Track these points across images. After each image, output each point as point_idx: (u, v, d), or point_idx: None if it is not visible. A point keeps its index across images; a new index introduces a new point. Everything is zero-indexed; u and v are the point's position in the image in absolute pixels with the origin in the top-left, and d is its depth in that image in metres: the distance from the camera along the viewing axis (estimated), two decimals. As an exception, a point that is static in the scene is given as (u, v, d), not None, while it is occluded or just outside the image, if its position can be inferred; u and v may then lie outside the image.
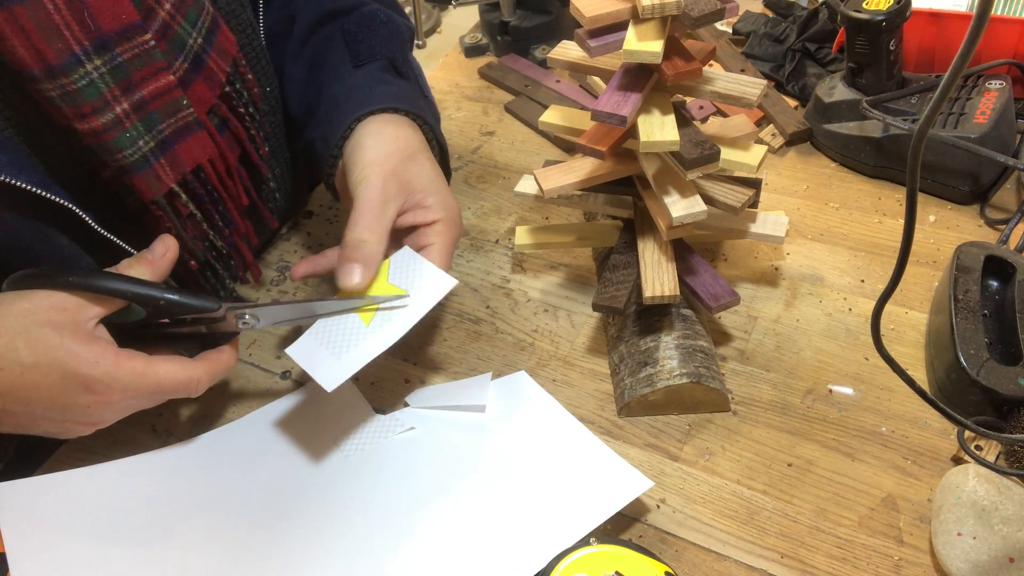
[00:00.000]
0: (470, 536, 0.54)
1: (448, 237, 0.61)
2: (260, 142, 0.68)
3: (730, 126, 0.66)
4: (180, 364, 0.55)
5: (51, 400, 0.51)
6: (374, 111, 0.64)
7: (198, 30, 0.59)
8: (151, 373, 0.53)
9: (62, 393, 0.51)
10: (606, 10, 0.56)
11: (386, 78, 0.68)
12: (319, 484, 0.59)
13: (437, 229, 0.61)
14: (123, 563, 0.54)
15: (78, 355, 0.50)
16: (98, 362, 0.51)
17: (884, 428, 0.60)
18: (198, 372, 0.55)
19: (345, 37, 0.70)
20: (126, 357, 0.52)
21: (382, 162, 0.60)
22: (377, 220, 0.58)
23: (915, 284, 0.70)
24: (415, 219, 0.61)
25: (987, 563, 0.49)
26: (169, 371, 0.54)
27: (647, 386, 0.60)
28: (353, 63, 0.68)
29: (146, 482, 0.60)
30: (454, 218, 0.62)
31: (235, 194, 0.66)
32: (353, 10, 0.72)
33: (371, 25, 0.71)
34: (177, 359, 0.55)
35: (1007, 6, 0.84)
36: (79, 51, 0.50)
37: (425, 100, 0.70)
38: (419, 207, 0.61)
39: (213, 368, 0.57)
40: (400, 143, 0.62)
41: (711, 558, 0.54)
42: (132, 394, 0.53)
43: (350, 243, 0.57)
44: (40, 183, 0.53)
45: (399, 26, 0.73)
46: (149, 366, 0.53)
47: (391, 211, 0.59)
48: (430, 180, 0.62)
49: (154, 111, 0.56)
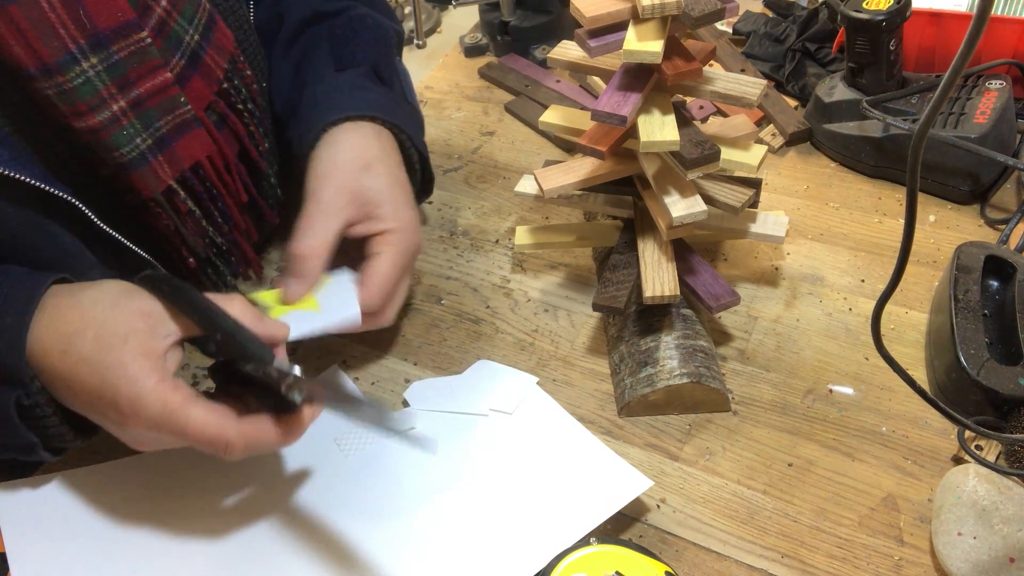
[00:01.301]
0: (470, 536, 0.54)
1: (397, 247, 0.60)
2: (260, 138, 0.68)
3: (730, 126, 0.66)
4: (216, 417, 0.48)
5: (89, 402, 0.49)
6: (350, 116, 0.64)
7: (195, 27, 0.59)
8: (179, 414, 0.47)
9: (97, 400, 0.48)
10: (606, 10, 0.56)
11: (366, 84, 0.68)
12: (319, 484, 0.59)
13: (387, 239, 0.60)
14: (123, 563, 0.54)
15: (124, 365, 0.47)
16: (137, 380, 0.47)
17: (884, 428, 0.60)
18: (231, 434, 0.48)
19: (330, 40, 0.70)
20: (168, 388, 0.47)
21: (332, 173, 0.60)
22: (316, 236, 0.58)
23: (915, 284, 0.70)
24: (367, 229, 0.60)
25: (987, 563, 0.49)
26: (198, 419, 0.47)
27: (647, 386, 0.60)
28: (336, 66, 0.68)
29: (146, 482, 0.60)
30: (406, 228, 0.61)
31: (234, 191, 0.66)
32: (341, 13, 0.72)
33: (357, 30, 0.71)
34: (218, 410, 0.48)
35: (1007, 6, 0.84)
36: (75, 49, 0.50)
37: (408, 107, 0.70)
38: (370, 218, 0.60)
39: (252, 434, 0.49)
40: (355, 153, 0.62)
41: (711, 558, 0.54)
42: (156, 428, 0.48)
43: (289, 256, 0.58)
44: (42, 178, 0.53)
45: (386, 31, 0.73)
46: (182, 406, 0.47)
47: (335, 225, 0.59)
48: (383, 190, 0.61)
49: (151, 109, 0.56)
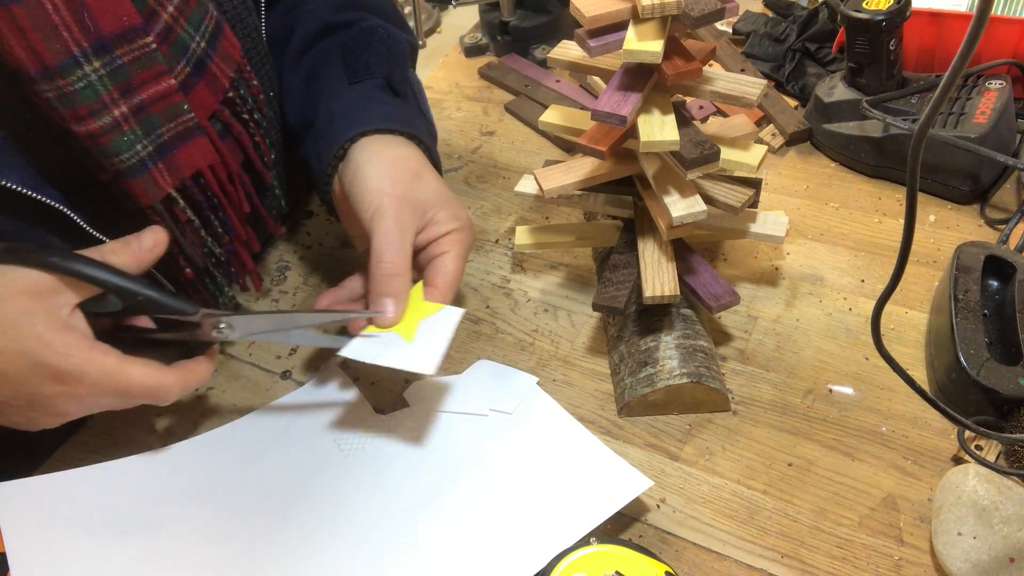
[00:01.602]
0: (470, 536, 0.54)
1: (462, 245, 0.62)
2: (265, 149, 0.67)
3: (730, 126, 0.66)
4: (152, 369, 0.52)
5: (16, 389, 0.49)
6: (366, 132, 0.64)
7: (201, 34, 0.59)
8: (122, 373, 0.50)
9: (28, 382, 0.49)
10: (606, 10, 0.56)
11: (381, 96, 0.68)
12: (319, 484, 0.59)
13: (452, 238, 0.62)
14: (123, 563, 0.54)
15: (49, 344, 0.48)
16: (70, 353, 0.48)
17: (884, 428, 0.60)
18: (169, 380, 0.53)
19: (343, 52, 0.70)
20: (100, 352, 0.50)
21: (390, 189, 0.60)
22: (399, 252, 0.58)
23: (915, 284, 0.70)
24: (429, 235, 0.62)
25: (987, 563, 0.49)
26: (140, 374, 0.51)
27: (647, 386, 0.60)
28: (349, 79, 0.68)
29: (146, 482, 0.60)
30: (466, 226, 0.63)
31: (236, 201, 0.65)
32: (353, 24, 0.72)
33: (369, 41, 0.70)
34: (151, 364, 0.52)
35: (1007, 6, 0.84)
36: (78, 52, 0.50)
37: (423, 119, 0.70)
38: (431, 223, 0.61)
39: (186, 378, 0.54)
40: (402, 165, 0.62)
41: (711, 558, 0.54)
42: (100, 391, 0.51)
43: (378, 278, 0.58)
44: (31, 184, 0.52)
45: (399, 43, 0.72)
46: (121, 366, 0.50)
47: (410, 238, 0.59)
48: (437, 194, 0.62)
49: (153, 115, 0.55)
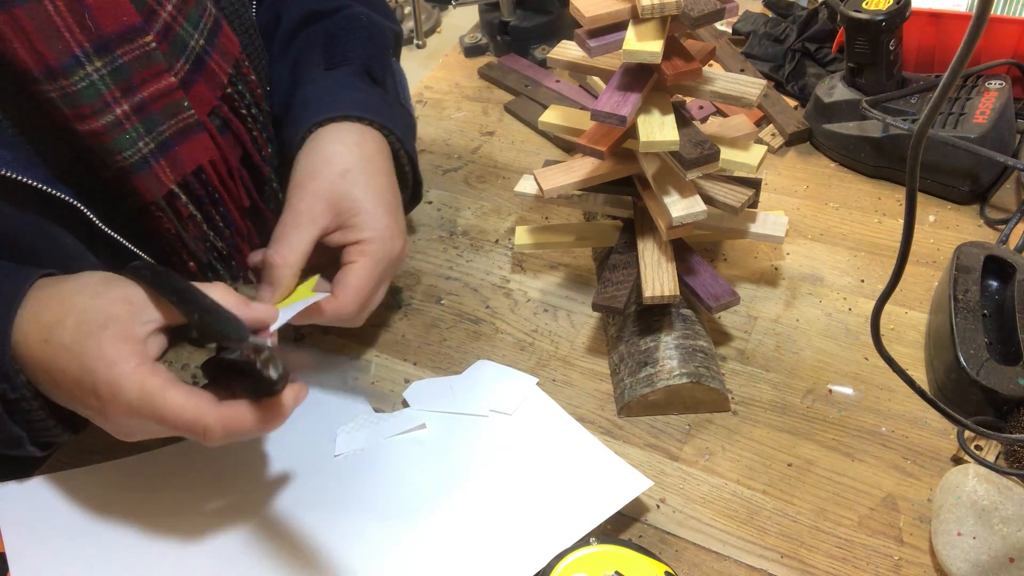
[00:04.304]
0: (470, 536, 0.54)
1: (372, 257, 0.58)
2: (263, 143, 0.68)
3: (730, 126, 0.66)
4: (194, 401, 0.47)
5: (70, 391, 0.48)
6: (334, 118, 0.63)
7: (200, 31, 0.59)
8: (156, 398, 0.46)
9: (77, 387, 0.47)
10: (606, 10, 0.56)
11: (356, 84, 0.66)
12: (318, 484, 0.59)
13: (362, 249, 0.58)
14: (122, 563, 0.54)
15: (101, 350, 0.46)
16: (115, 363, 0.46)
17: (884, 428, 0.60)
18: (209, 419, 0.47)
19: (324, 38, 0.69)
20: (146, 371, 0.46)
21: (307, 183, 0.59)
22: (289, 245, 0.57)
23: (915, 284, 0.70)
24: (344, 238, 0.59)
25: (987, 563, 0.49)
26: (176, 403, 0.46)
27: (647, 386, 0.60)
28: (326, 65, 0.67)
29: (146, 482, 0.60)
30: (383, 237, 0.59)
31: (236, 195, 0.65)
32: (337, 12, 0.71)
33: (350, 28, 0.70)
34: (197, 394, 0.47)
35: (1007, 6, 0.84)
36: (79, 53, 0.50)
37: (400, 108, 0.69)
38: (346, 226, 0.59)
39: (230, 420, 0.47)
40: (334, 159, 0.60)
41: (711, 558, 0.54)
42: (135, 413, 0.47)
43: (265, 264, 0.57)
44: (44, 180, 0.53)
45: (381, 31, 0.72)
46: (160, 389, 0.46)
47: (309, 234, 0.58)
48: (359, 198, 0.59)
49: (154, 112, 0.56)
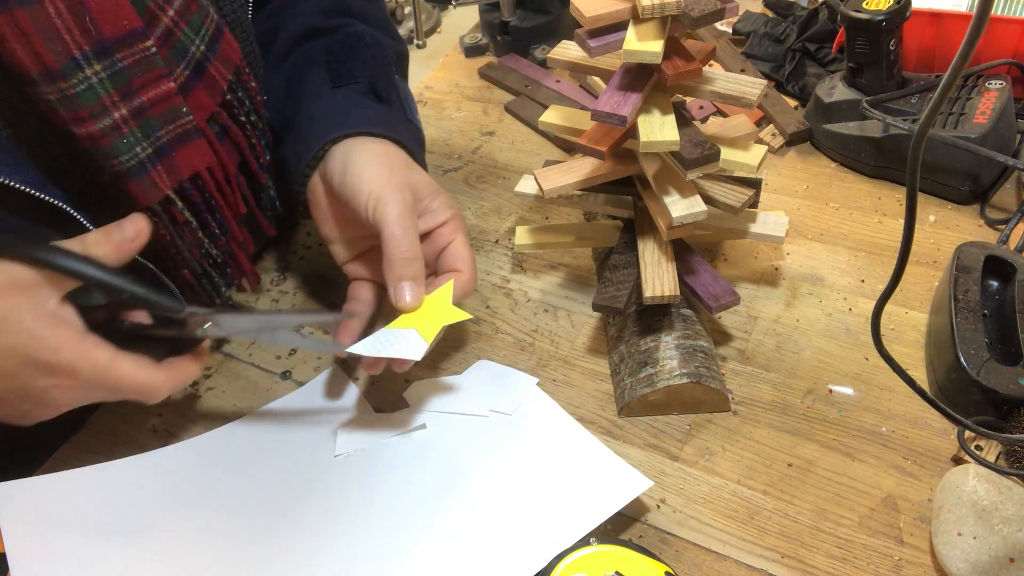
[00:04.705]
0: (470, 536, 0.54)
1: (463, 232, 0.63)
2: (261, 151, 0.68)
3: (730, 126, 0.66)
4: (143, 366, 0.52)
5: (8, 384, 0.49)
6: (349, 134, 0.63)
7: (201, 37, 0.59)
8: (113, 369, 0.50)
9: (20, 376, 0.49)
10: (606, 10, 0.56)
11: (364, 101, 0.67)
12: (319, 484, 0.59)
13: (452, 226, 0.62)
14: (123, 563, 0.54)
15: (40, 338, 0.48)
16: (61, 348, 0.48)
17: (884, 428, 0.60)
18: (159, 379, 0.53)
19: (327, 56, 0.70)
20: (91, 346, 0.50)
21: (389, 176, 0.60)
22: (413, 235, 0.58)
23: (915, 284, 0.70)
24: (426, 224, 0.62)
25: (987, 563, 0.49)
26: (131, 371, 0.51)
27: (647, 386, 0.60)
28: (332, 83, 0.68)
29: (146, 482, 0.60)
30: (460, 215, 0.64)
31: (233, 202, 0.65)
32: (339, 29, 0.72)
33: (355, 47, 0.70)
34: (142, 361, 0.52)
35: (1007, 6, 0.84)
36: (79, 56, 0.50)
37: (408, 124, 0.70)
38: (427, 212, 0.62)
39: (175, 377, 0.54)
40: (394, 155, 0.63)
41: (711, 558, 0.54)
42: (92, 385, 0.51)
43: (397, 262, 0.57)
44: (36, 184, 0.52)
45: (385, 49, 0.72)
46: (113, 362, 0.51)
47: (416, 222, 0.60)
48: (429, 184, 0.63)
49: (153, 117, 0.55)
